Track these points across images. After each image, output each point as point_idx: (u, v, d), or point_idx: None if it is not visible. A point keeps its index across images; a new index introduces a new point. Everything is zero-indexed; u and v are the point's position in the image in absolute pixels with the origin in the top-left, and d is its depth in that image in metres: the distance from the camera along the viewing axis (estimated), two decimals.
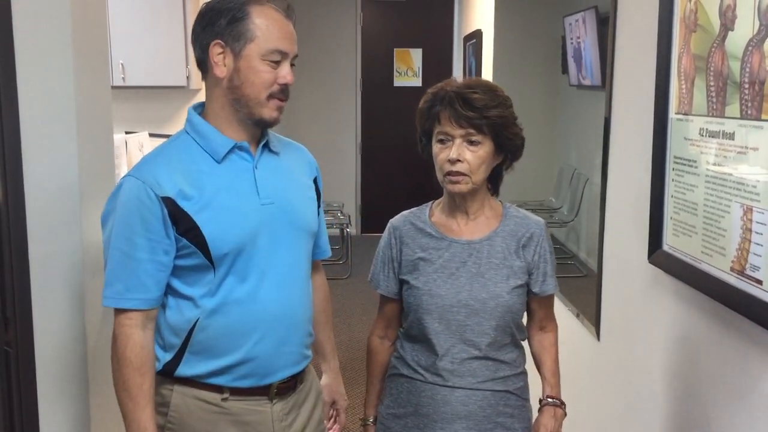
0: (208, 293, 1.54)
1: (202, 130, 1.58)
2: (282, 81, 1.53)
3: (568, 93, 3.72)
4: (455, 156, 1.60)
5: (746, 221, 1.36)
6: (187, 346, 1.56)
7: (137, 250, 1.51)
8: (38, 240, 1.82)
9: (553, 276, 1.73)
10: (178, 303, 1.56)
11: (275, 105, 1.55)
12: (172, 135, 1.68)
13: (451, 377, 1.65)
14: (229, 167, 1.57)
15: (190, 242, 1.51)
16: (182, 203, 1.50)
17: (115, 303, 1.55)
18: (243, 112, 1.55)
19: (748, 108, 1.35)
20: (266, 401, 1.61)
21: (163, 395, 1.60)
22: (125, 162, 3.00)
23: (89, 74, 1.92)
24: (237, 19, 1.50)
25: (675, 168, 1.66)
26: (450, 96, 1.61)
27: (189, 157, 1.56)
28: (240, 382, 1.58)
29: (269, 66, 1.52)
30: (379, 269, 1.77)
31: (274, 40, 1.51)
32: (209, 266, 1.53)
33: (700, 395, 1.60)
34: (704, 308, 1.56)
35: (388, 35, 7.40)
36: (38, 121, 1.79)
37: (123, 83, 4.12)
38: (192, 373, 1.58)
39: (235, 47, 1.51)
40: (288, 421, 1.65)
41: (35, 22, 1.76)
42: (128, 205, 1.51)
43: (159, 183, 1.50)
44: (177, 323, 1.56)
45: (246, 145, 1.58)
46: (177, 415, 1.59)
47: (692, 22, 1.57)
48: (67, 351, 1.88)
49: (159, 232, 1.50)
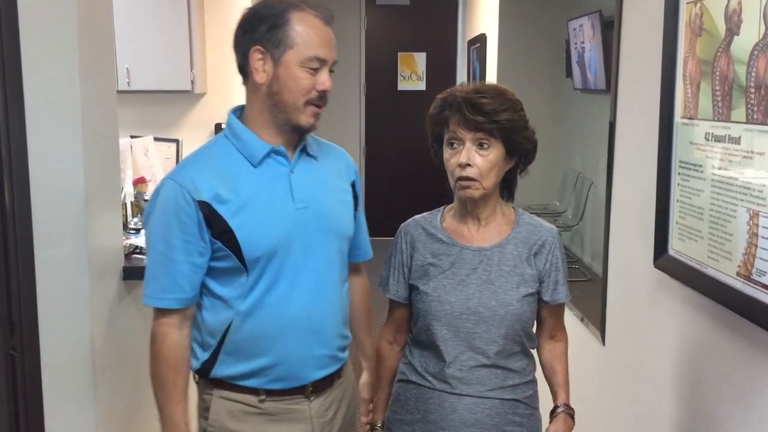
0: (242, 295, 1.57)
1: (240, 134, 1.60)
2: (320, 87, 1.55)
3: (572, 97, 3.72)
4: (465, 160, 1.59)
5: (752, 226, 1.35)
6: (222, 346, 1.60)
7: (173, 251, 1.54)
8: (44, 244, 1.83)
9: (564, 285, 1.71)
10: (214, 304, 1.60)
11: (312, 111, 1.57)
12: (212, 138, 1.71)
13: (459, 385, 1.64)
14: (265, 171, 1.59)
15: (224, 245, 1.54)
16: (218, 207, 1.53)
17: (152, 302, 1.59)
18: (281, 118, 1.57)
19: (754, 112, 1.34)
20: (303, 399, 1.64)
21: (204, 400, 1.65)
22: (130, 166, 3.01)
23: (95, 79, 1.92)
24: (277, 26, 1.52)
25: (681, 172, 1.66)
26: (459, 101, 1.60)
27: (226, 161, 1.58)
28: (273, 384, 1.61)
29: (308, 72, 1.54)
30: (390, 273, 1.76)
31: (314, 47, 1.53)
32: (242, 269, 1.56)
33: (706, 400, 1.59)
34: (710, 313, 1.56)
35: (392, 39, 7.40)
36: (44, 125, 1.80)
37: (128, 87, 4.13)
38: (226, 374, 1.61)
39: (274, 53, 1.53)
40: (328, 417, 1.68)
41: (42, 28, 1.77)
42: (166, 207, 1.54)
43: (196, 187, 1.53)
44: (213, 324, 1.60)
45: (283, 150, 1.60)
46: (216, 417, 1.63)
47: (698, 26, 1.57)
48: (73, 355, 1.88)
49: (194, 234, 1.53)
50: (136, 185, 2.85)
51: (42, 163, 1.81)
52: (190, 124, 4.58)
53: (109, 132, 2.07)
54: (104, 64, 2.02)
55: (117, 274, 2.12)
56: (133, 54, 4.11)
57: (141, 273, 2.22)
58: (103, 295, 1.99)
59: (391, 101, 7.37)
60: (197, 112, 4.58)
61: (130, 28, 4.08)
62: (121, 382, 2.15)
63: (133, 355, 2.26)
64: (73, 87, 1.80)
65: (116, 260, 2.13)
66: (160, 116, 4.52)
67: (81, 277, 1.86)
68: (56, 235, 1.83)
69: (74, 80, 1.80)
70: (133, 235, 2.53)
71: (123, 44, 3.97)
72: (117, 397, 2.12)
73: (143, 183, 2.88)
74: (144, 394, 2.39)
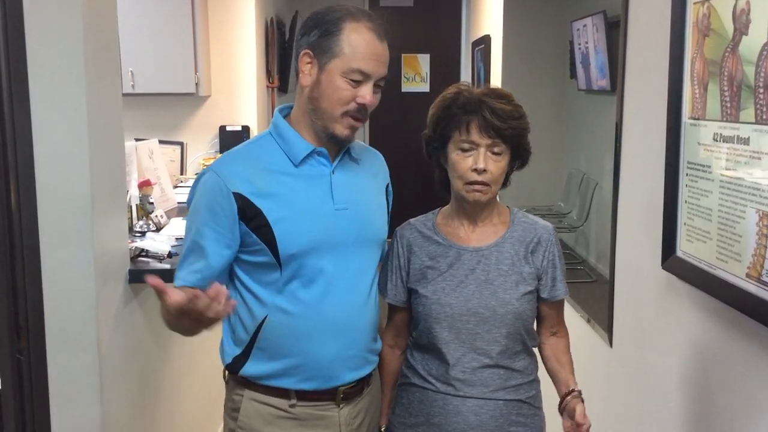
0: (275, 292, 1.59)
1: (283, 132, 1.62)
2: (360, 101, 1.55)
3: (577, 98, 3.71)
4: (483, 166, 1.59)
5: (762, 227, 1.34)
6: (255, 342, 1.61)
7: (203, 239, 1.57)
8: (50, 248, 1.83)
9: (563, 281, 1.72)
10: (247, 299, 1.61)
11: (348, 123, 1.57)
12: (257, 135, 1.74)
13: (463, 387, 1.64)
14: (306, 171, 1.61)
15: (260, 239, 1.56)
16: (255, 201, 1.55)
17: (181, 283, 1.60)
18: (318, 124, 1.59)
19: (763, 113, 1.34)
20: (333, 406, 1.65)
21: (234, 401, 1.66)
22: (135, 169, 3.00)
23: (100, 83, 1.92)
24: (329, 33, 1.54)
25: (688, 173, 1.65)
26: (476, 103, 1.59)
27: (268, 158, 1.60)
28: (304, 384, 1.61)
29: (349, 84, 1.54)
30: (387, 278, 1.76)
31: (359, 60, 1.54)
32: (276, 265, 1.57)
33: (715, 403, 1.58)
34: (719, 315, 1.55)
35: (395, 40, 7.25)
36: (50, 129, 1.80)
37: (132, 90, 4.12)
38: (258, 372, 1.62)
39: (321, 60, 1.55)
40: (355, 425, 1.68)
41: (47, 32, 1.77)
42: (203, 196, 1.57)
43: (234, 179, 1.55)
44: (246, 319, 1.61)
45: (324, 151, 1.62)
46: (246, 419, 1.64)
47: (705, 26, 1.56)
48: (79, 359, 1.88)
49: (225, 225, 1.55)
50: (141, 188, 2.84)
51: (48, 166, 1.81)
52: (195, 126, 4.57)
53: (115, 135, 2.07)
54: (109, 68, 2.02)
55: (123, 277, 2.12)
56: (137, 57, 4.10)
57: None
58: (109, 299, 1.99)
59: (394, 103, 7.35)
60: (202, 115, 4.58)
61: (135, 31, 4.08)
62: (127, 385, 2.15)
63: (139, 358, 2.26)
64: (78, 90, 1.80)
65: (122, 263, 2.12)
66: (165, 119, 4.52)
67: (87, 281, 1.86)
68: (62, 238, 1.83)
69: (80, 84, 1.80)
70: (138, 238, 2.53)
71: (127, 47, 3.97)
72: (123, 401, 2.11)
73: (148, 186, 2.88)
74: (149, 397, 2.39)
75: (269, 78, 5.11)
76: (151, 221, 2.71)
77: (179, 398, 2.72)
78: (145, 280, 1.33)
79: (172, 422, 2.62)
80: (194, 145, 4.54)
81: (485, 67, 4.96)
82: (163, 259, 2.30)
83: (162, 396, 2.51)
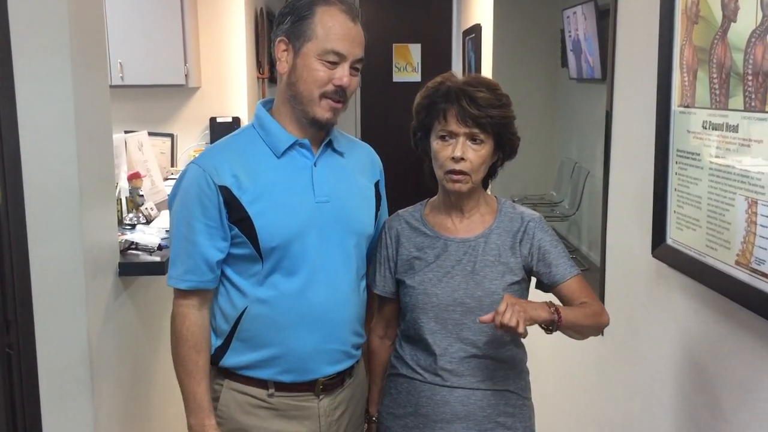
0: (256, 283, 1.60)
1: (266, 124, 1.63)
2: (337, 82, 1.56)
3: (568, 86, 3.71)
4: (459, 154, 1.59)
5: (751, 214, 1.34)
6: (235, 332, 1.62)
7: (195, 234, 1.57)
8: (38, 241, 1.81)
9: (566, 262, 1.65)
10: (229, 290, 1.63)
11: (328, 105, 1.58)
12: (241, 127, 1.73)
13: (450, 377, 1.64)
14: (288, 163, 1.61)
15: (240, 232, 1.57)
16: (237, 193, 1.56)
17: (175, 283, 1.62)
18: (298, 110, 1.59)
19: (752, 100, 1.33)
20: (312, 397, 1.65)
21: (214, 390, 1.67)
22: (125, 161, 2.99)
23: (87, 74, 1.91)
24: (302, 18, 1.55)
25: (678, 161, 1.65)
26: (455, 92, 1.59)
27: (251, 150, 1.61)
28: (282, 376, 1.62)
29: (324, 66, 1.55)
30: (376, 269, 1.76)
31: (333, 41, 1.54)
32: (257, 257, 1.58)
33: (706, 390, 1.59)
34: (709, 302, 1.55)
35: (386, 30, 7.37)
36: (37, 121, 1.78)
37: (122, 82, 4.10)
38: (237, 362, 1.63)
39: (296, 45, 1.56)
40: (335, 416, 1.69)
41: (32, 23, 1.75)
42: (189, 190, 1.58)
43: (218, 172, 1.56)
44: (227, 310, 1.63)
45: (307, 143, 1.62)
46: (225, 409, 1.65)
47: (694, 13, 1.56)
48: (70, 352, 1.87)
49: (215, 218, 1.56)
50: (130, 180, 2.83)
51: (35, 159, 1.79)
52: (185, 118, 4.56)
53: (103, 127, 2.06)
54: (96, 59, 2.00)
55: (113, 270, 2.11)
56: (126, 49, 4.08)
57: (137, 269, 2.22)
58: (98, 292, 1.98)
59: (385, 93, 7.34)
60: (192, 106, 4.56)
61: (123, 22, 4.06)
62: (118, 378, 2.14)
63: (129, 351, 2.25)
64: (65, 82, 1.79)
65: (112, 256, 2.11)
66: (154, 111, 4.50)
67: (76, 274, 1.85)
68: (50, 231, 1.82)
69: (66, 76, 1.78)
70: (128, 230, 2.51)
71: (116, 39, 3.95)
72: (115, 394, 2.11)
73: (138, 178, 2.87)
74: (141, 390, 2.38)
75: (259, 69, 5.09)
76: (141, 214, 2.70)
77: (171, 391, 2.71)
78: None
79: (164, 415, 2.62)
80: (184, 136, 4.52)
81: (476, 56, 4.95)
82: (153, 252, 2.29)
83: (154, 388, 2.51)
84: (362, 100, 7.39)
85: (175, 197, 1.62)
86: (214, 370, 1.68)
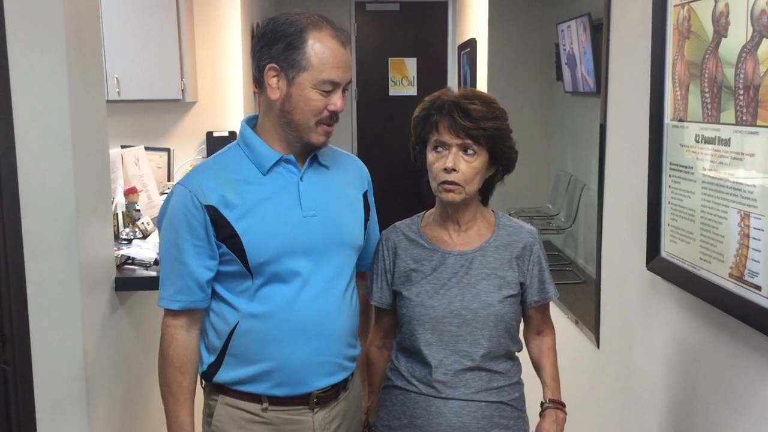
0: (247, 299, 1.60)
1: (251, 142, 1.63)
2: (332, 108, 1.57)
3: (563, 100, 3.73)
4: (451, 165, 1.60)
5: (744, 227, 1.35)
6: (227, 348, 1.62)
7: (184, 254, 1.58)
8: (35, 256, 1.81)
9: (551, 282, 1.73)
10: (221, 307, 1.63)
11: (323, 130, 1.60)
12: (226, 146, 1.72)
13: (445, 389, 1.64)
14: (274, 179, 1.61)
15: (229, 249, 1.57)
16: (224, 211, 1.56)
17: (166, 304, 1.63)
18: (292, 135, 1.60)
19: (744, 114, 1.35)
20: (307, 410, 1.65)
21: (209, 406, 1.67)
22: (121, 176, 2.99)
23: (84, 89, 1.91)
24: (293, 47, 1.53)
25: (671, 174, 1.66)
26: (448, 105, 1.61)
27: (236, 168, 1.61)
28: (276, 390, 1.62)
29: (320, 94, 1.55)
30: (373, 281, 1.77)
31: (328, 70, 1.54)
32: (247, 274, 1.59)
33: (700, 401, 1.59)
34: (703, 314, 1.56)
35: (382, 44, 7.40)
36: (33, 136, 1.79)
37: (118, 97, 4.11)
38: (230, 377, 1.63)
39: (289, 74, 1.55)
40: (331, 430, 1.68)
41: (29, 38, 1.76)
42: (176, 211, 1.58)
43: (204, 191, 1.57)
44: (219, 326, 1.63)
45: (292, 158, 1.63)
46: (220, 424, 1.65)
47: (685, 29, 1.57)
48: (65, 368, 1.87)
49: (203, 238, 1.57)
50: (127, 195, 2.83)
51: (31, 174, 1.79)
52: (182, 132, 4.56)
53: (99, 142, 2.06)
54: (93, 74, 2.01)
55: (109, 285, 2.11)
56: (122, 63, 4.09)
57: (133, 284, 2.22)
58: (95, 307, 1.98)
59: (382, 107, 7.36)
60: (188, 121, 4.56)
61: (120, 37, 4.07)
62: (114, 393, 2.13)
63: (125, 366, 2.25)
64: (61, 97, 1.79)
65: (108, 271, 2.11)
66: (151, 125, 4.50)
67: (72, 289, 1.85)
68: (47, 246, 1.82)
69: (63, 91, 1.79)
70: (124, 245, 2.51)
71: (112, 54, 3.96)
72: (110, 409, 2.10)
73: (134, 193, 2.87)
74: (137, 406, 2.38)
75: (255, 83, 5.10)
76: (137, 228, 2.70)
77: None
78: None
79: (159, 430, 2.61)
80: (181, 151, 4.53)
81: (471, 70, 4.98)
82: (149, 267, 2.29)
83: (149, 404, 2.50)
84: (358, 113, 7.40)
85: (163, 218, 1.62)
86: (209, 386, 1.68)
